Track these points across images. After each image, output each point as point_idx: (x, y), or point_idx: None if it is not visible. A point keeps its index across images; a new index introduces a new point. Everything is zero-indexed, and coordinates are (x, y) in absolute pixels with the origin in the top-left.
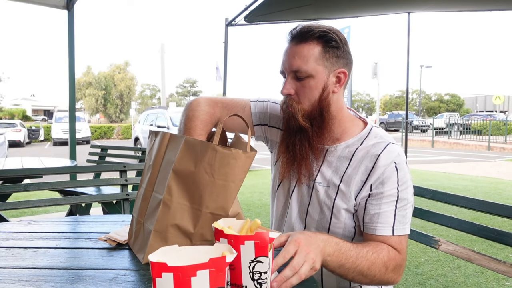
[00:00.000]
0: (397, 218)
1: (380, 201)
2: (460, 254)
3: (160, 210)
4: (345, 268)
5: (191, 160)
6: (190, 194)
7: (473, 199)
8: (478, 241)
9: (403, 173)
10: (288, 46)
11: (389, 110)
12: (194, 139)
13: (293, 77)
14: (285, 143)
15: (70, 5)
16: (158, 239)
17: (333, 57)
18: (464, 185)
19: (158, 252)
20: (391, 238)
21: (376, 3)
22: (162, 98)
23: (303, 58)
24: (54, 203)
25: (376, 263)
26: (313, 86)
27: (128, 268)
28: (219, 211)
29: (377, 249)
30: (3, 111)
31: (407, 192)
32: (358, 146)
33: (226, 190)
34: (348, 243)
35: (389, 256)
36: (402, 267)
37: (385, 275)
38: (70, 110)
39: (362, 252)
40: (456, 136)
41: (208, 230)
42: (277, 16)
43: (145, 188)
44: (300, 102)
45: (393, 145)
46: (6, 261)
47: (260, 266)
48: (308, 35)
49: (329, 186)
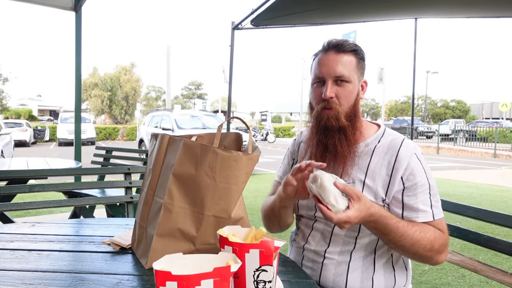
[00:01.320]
0: (433, 204)
1: (415, 192)
2: (466, 265)
3: (162, 214)
4: (388, 238)
5: (191, 163)
6: (192, 198)
7: (480, 209)
8: (483, 250)
9: (425, 162)
10: (325, 55)
11: (394, 116)
12: (193, 142)
13: (334, 83)
14: (322, 144)
15: (78, 7)
16: (161, 244)
17: (361, 69)
18: (470, 193)
19: (162, 260)
20: (433, 223)
21: (383, 8)
22: (168, 100)
23: (345, 65)
24: (58, 204)
25: (420, 242)
26: (352, 90)
27: (132, 273)
28: (222, 214)
29: (424, 228)
30: (9, 110)
31: (433, 179)
32: (376, 144)
33: (228, 193)
34: (400, 223)
35: (435, 235)
36: (447, 247)
37: (430, 252)
38: (76, 111)
39: (410, 231)
40: (462, 143)
41: (211, 233)
42: (283, 20)
43: (146, 192)
44: (341, 104)
45: (408, 139)
46: (10, 263)
47: (264, 275)
48: (346, 46)
49: (355, 182)
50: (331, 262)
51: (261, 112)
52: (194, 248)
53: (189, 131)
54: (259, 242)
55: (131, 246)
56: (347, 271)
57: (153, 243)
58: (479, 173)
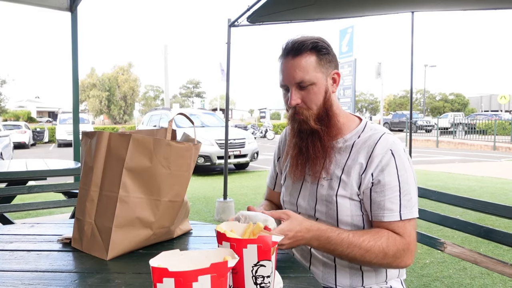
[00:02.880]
0: (403, 203)
1: (383, 188)
2: (466, 257)
3: (118, 207)
4: (336, 253)
5: (144, 156)
6: (148, 187)
7: (479, 200)
8: (484, 242)
9: (401, 159)
10: (284, 61)
11: (393, 110)
12: (143, 137)
13: (297, 88)
14: (297, 147)
15: (73, 7)
16: (120, 234)
17: (326, 63)
18: (469, 186)
19: (159, 257)
20: (398, 224)
21: (379, 2)
22: (166, 99)
23: (303, 69)
24: (58, 205)
25: (371, 251)
26: (317, 91)
27: (131, 272)
28: (176, 198)
29: (376, 236)
30: (8, 113)
31: (408, 177)
32: (356, 139)
33: (181, 179)
34: (343, 234)
35: (388, 242)
36: (407, 251)
37: (384, 259)
38: (74, 112)
39: (357, 241)
40: (461, 136)
41: (167, 216)
42: (280, 17)
43: (89, 189)
44: (309, 108)
45: (387, 134)
46: (10, 264)
47: (263, 270)
48: (302, 48)
49: (332, 178)
50: (317, 261)
51: (260, 109)
52: (152, 232)
53: (188, 129)
54: (256, 237)
55: (72, 244)
56: (335, 268)
57: (112, 235)
58: (479, 165)
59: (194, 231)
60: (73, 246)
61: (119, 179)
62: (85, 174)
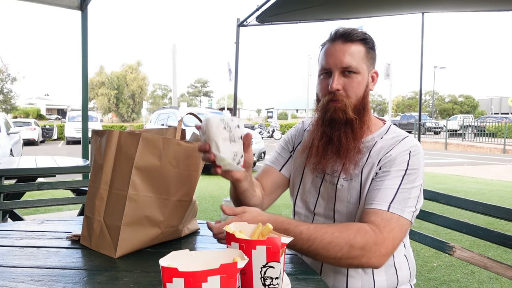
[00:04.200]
0: (398, 197)
1: (384, 178)
2: (476, 261)
3: (127, 205)
4: (297, 248)
5: (154, 155)
6: (157, 186)
7: (489, 204)
8: (493, 246)
9: (417, 160)
10: (332, 45)
11: (401, 112)
12: (152, 136)
13: (341, 74)
14: (326, 136)
15: (84, 6)
16: (129, 232)
17: (371, 58)
18: (479, 189)
19: (168, 257)
20: (382, 214)
21: (389, 3)
22: (174, 98)
23: (353, 56)
24: (66, 202)
25: (334, 242)
26: (360, 82)
27: (139, 270)
28: (184, 198)
29: (342, 228)
30: (18, 110)
31: (415, 177)
32: (378, 140)
33: (190, 179)
34: (302, 226)
35: (357, 233)
36: (380, 248)
37: (351, 253)
38: (83, 109)
39: (318, 233)
40: (470, 139)
41: (175, 216)
42: (288, 17)
43: (99, 187)
44: (348, 97)
45: (411, 137)
46: (20, 260)
47: (271, 271)
48: (354, 35)
49: (352, 179)
50: (329, 267)
51: (267, 109)
52: (160, 231)
53: (195, 128)
54: (266, 238)
55: (82, 242)
56: (347, 270)
57: (121, 233)
58: (488, 168)
59: (202, 231)
60: (82, 244)
61: (129, 178)
62: (94, 172)
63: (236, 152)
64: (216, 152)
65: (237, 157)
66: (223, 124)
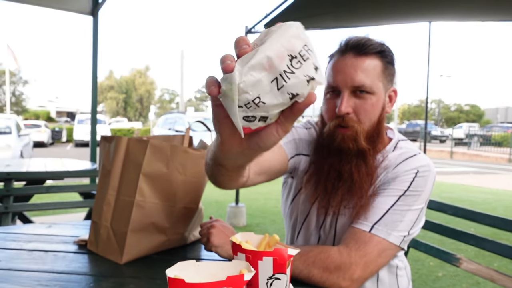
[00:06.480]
0: (386, 218)
1: (378, 195)
2: (482, 274)
3: (134, 211)
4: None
5: (161, 162)
6: (163, 193)
7: (496, 217)
8: (498, 257)
9: (423, 182)
10: (341, 58)
11: (407, 120)
12: (160, 143)
13: (352, 94)
14: (334, 171)
15: (95, 11)
16: (135, 238)
17: (389, 75)
18: (484, 198)
19: (175, 267)
20: (361, 235)
21: (397, 11)
22: (181, 103)
23: (367, 72)
24: (74, 205)
25: (295, 264)
26: (375, 104)
27: (145, 277)
28: (191, 205)
29: (322, 249)
30: (29, 112)
31: (415, 200)
32: (383, 159)
33: (197, 186)
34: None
35: (319, 255)
36: (345, 272)
37: (311, 275)
38: (92, 113)
39: (301, 252)
40: (476, 147)
41: (182, 223)
42: None
43: (107, 192)
44: (360, 122)
45: (421, 156)
46: (28, 264)
47: (277, 283)
48: (369, 47)
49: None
50: None
51: None
52: (166, 238)
53: (202, 133)
54: (272, 249)
55: (88, 247)
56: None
57: (127, 239)
58: (494, 178)
59: None
60: (89, 248)
61: (136, 184)
62: (102, 178)
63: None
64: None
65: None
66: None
